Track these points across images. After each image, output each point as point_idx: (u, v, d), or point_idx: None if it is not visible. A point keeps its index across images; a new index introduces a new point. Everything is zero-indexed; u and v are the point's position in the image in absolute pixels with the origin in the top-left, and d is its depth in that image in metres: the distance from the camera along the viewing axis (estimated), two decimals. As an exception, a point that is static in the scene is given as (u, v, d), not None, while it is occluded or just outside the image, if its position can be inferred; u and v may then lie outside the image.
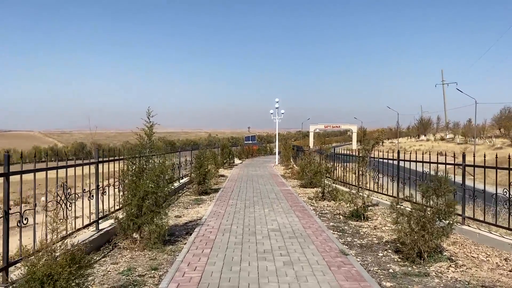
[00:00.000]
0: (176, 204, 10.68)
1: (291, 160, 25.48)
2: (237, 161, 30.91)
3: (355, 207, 8.73)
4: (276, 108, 28.55)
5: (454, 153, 9.08)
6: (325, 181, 11.60)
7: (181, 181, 14.32)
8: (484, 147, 66.45)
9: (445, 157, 8.34)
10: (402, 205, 8.35)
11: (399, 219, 6.05)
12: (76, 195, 5.94)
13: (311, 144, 68.85)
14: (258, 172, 21.06)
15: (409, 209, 6.11)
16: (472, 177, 8.20)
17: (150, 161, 6.47)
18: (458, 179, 8.23)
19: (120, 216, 6.33)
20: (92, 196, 6.52)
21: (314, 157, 16.06)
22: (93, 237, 6.24)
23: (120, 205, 7.13)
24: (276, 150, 30.86)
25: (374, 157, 9.78)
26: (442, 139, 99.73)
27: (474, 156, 7.47)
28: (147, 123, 6.48)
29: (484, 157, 7.27)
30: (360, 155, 9.04)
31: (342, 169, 13.65)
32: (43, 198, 10.24)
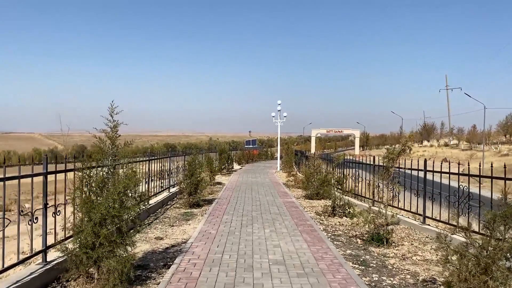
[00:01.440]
0: (161, 220, 9.06)
1: (294, 167, 23.85)
2: (236, 166, 29.28)
3: (376, 230, 7.11)
4: (278, 110, 26.92)
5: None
6: (336, 193, 9.98)
7: (171, 190, 12.71)
8: (489, 153, 64.87)
9: (491, 170, 6.75)
10: (428, 225, 6.61)
11: (449, 258, 4.41)
12: (6, 219, 4.35)
13: (312, 149, 67.21)
14: (258, 180, 19.43)
15: (463, 243, 4.48)
16: (478, 186, 6.67)
17: (114, 172, 4.87)
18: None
19: (71, 247, 4.71)
20: (36, 218, 4.91)
21: (320, 164, 14.44)
22: (34, 275, 4.63)
23: (72, 232, 5.46)
24: (278, 155, 29.21)
25: (399, 167, 8.15)
26: (446, 145, 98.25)
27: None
28: (109, 122, 4.88)
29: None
30: (383, 164, 7.41)
31: (353, 179, 12.03)
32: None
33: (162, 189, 12.32)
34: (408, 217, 8.93)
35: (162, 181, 12.08)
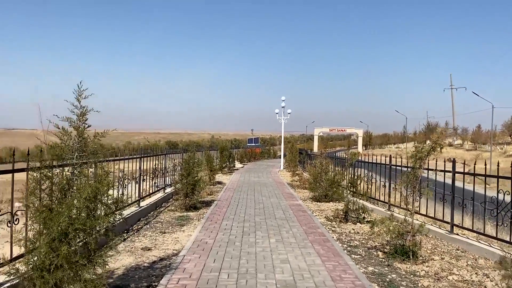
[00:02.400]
0: (152, 225, 8.02)
1: (298, 166, 22.77)
2: (238, 165, 28.22)
3: (401, 241, 6.05)
4: (282, 107, 25.75)
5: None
6: (349, 197, 8.93)
7: (167, 190, 11.68)
8: (495, 154, 63.59)
9: (497, 170, 5.77)
10: (457, 235, 5.64)
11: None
12: None
13: (315, 148, 65.94)
14: (261, 179, 18.37)
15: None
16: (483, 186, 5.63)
17: (81, 172, 3.82)
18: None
19: (23, 268, 3.67)
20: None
21: (328, 163, 13.40)
22: (-24, 304, 3.60)
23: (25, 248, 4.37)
24: (282, 154, 28.11)
25: (428, 169, 7.09)
26: (450, 145, 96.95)
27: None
28: (76, 108, 3.83)
29: None
30: (410, 165, 6.33)
31: (365, 180, 10.97)
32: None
33: (157, 188, 11.31)
34: (432, 225, 7.88)
35: (156, 180, 11.04)
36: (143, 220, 8.59)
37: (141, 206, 9.08)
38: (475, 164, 6.79)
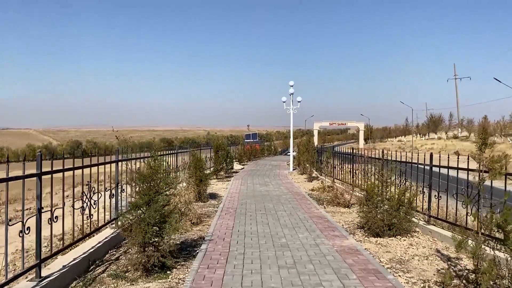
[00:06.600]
0: None
1: (313, 168, 17.96)
2: (236, 166, 23.36)
3: None
4: (291, 94, 20.78)
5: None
6: (488, 250, 4.20)
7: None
8: (506, 146, 59.26)
9: None
10: None
11: None
12: None
13: (315, 143, 61.08)
14: (270, 188, 13.55)
15: None
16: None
17: None
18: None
19: None
20: None
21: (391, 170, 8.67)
22: None
23: None
24: (291, 152, 23.13)
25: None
26: (455, 137, 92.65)
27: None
28: None
29: None
30: None
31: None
32: None
33: (112, 216, 6.60)
34: None
35: (94, 208, 6.21)
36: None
37: (44, 278, 4.30)
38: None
